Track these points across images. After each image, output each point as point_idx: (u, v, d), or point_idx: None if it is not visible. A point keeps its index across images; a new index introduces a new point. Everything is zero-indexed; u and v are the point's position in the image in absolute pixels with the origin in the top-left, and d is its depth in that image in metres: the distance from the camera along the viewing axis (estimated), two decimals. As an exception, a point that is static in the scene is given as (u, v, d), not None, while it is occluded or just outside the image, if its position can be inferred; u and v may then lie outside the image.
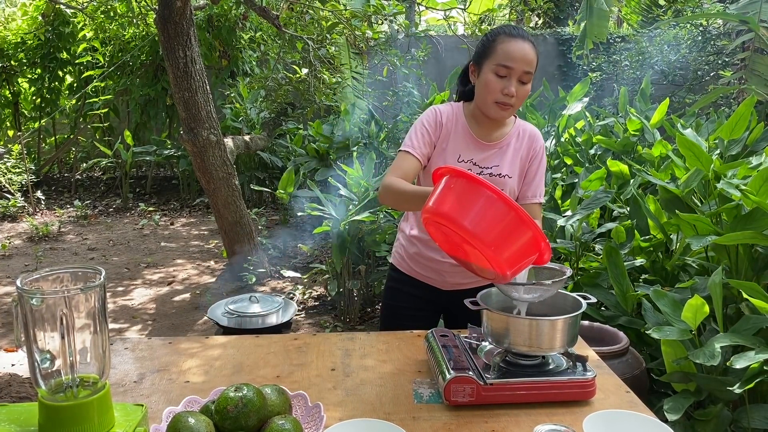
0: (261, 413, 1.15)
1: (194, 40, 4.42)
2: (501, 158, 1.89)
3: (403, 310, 2.05)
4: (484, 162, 1.88)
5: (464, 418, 1.32)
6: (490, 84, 1.77)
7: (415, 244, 1.99)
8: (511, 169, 1.89)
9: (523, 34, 1.77)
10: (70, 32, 8.57)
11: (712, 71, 8.26)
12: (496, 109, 1.80)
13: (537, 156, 1.92)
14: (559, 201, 3.48)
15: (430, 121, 1.89)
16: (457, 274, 1.95)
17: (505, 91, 1.75)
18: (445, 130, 1.90)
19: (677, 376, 2.14)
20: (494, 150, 1.89)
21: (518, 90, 1.77)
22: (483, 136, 1.90)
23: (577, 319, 1.40)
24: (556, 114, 5.09)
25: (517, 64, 1.74)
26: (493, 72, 1.76)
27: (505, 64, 1.74)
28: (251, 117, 7.61)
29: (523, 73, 1.75)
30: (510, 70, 1.74)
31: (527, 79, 1.77)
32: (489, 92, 1.78)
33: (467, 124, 1.90)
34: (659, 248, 2.84)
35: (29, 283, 1.07)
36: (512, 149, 1.90)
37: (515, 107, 1.81)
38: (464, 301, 1.45)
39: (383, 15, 5.59)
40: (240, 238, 4.96)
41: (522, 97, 1.79)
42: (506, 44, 1.75)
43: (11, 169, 8.02)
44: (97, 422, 1.08)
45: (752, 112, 2.99)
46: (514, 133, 1.92)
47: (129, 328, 4.22)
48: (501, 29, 1.81)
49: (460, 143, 1.88)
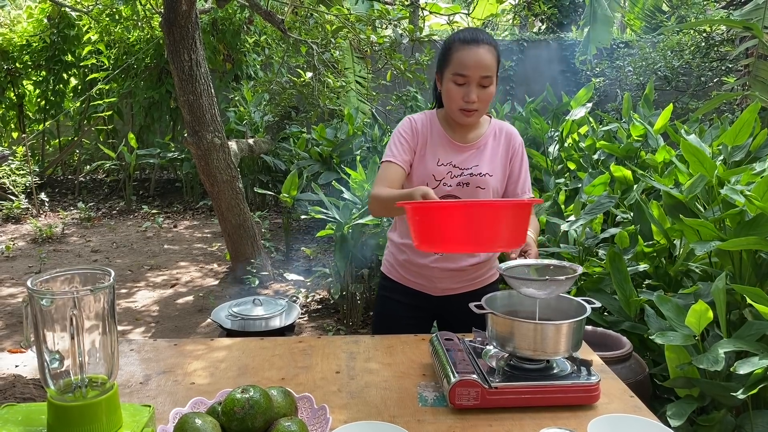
0: (267, 415, 1.15)
1: (199, 44, 4.44)
2: (480, 158, 1.91)
3: (396, 318, 2.04)
4: (464, 163, 1.90)
5: (469, 422, 1.32)
6: (451, 93, 1.80)
7: (404, 252, 2.00)
8: (491, 168, 1.91)
9: (478, 38, 1.77)
10: (75, 35, 8.61)
11: (715, 77, 8.27)
12: (461, 115, 1.82)
13: (517, 153, 1.95)
14: (563, 206, 3.48)
15: (407, 130, 1.92)
16: (448, 279, 1.96)
17: (466, 98, 1.78)
18: (422, 137, 1.92)
19: (680, 382, 2.14)
20: (472, 151, 1.91)
21: (480, 95, 1.78)
22: (459, 138, 1.92)
23: (582, 323, 1.40)
24: (559, 119, 5.10)
25: (473, 72, 1.75)
26: (452, 81, 1.79)
27: (461, 73, 1.76)
28: (255, 120, 7.63)
29: (481, 78, 1.76)
30: (467, 78, 1.76)
31: (488, 83, 1.78)
32: (451, 101, 1.81)
33: (442, 129, 1.92)
34: (662, 254, 2.84)
35: (39, 283, 1.08)
36: (490, 149, 1.93)
37: (480, 111, 1.83)
38: (469, 304, 1.46)
39: (387, 19, 5.61)
40: (243, 241, 4.97)
41: (485, 100, 1.80)
42: (460, 52, 1.76)
43: (15, 170, 8.05)
44: (105, 422, 1.09)
45: (756, 118, 2.99)
46: (490, 133, 1.94)
47: (132, 330, 4.23)
48: (456, 36, 1.81)
49: (438, 148, 1.90)
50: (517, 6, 12.79)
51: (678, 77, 8.66)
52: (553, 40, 10.62)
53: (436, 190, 1.83)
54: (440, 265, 1.94)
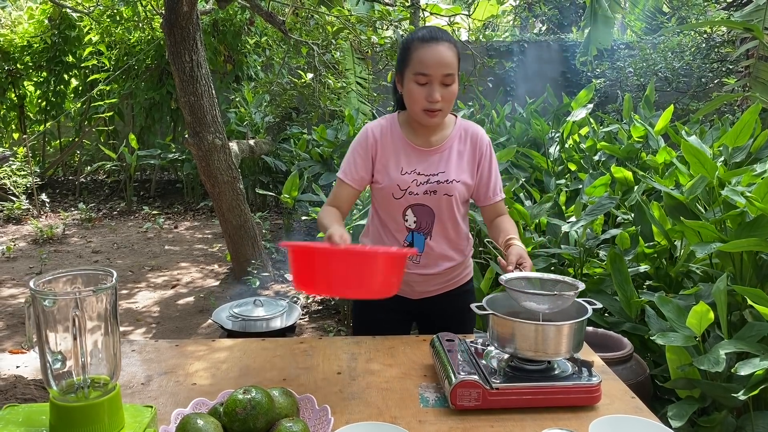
0: (269, 416, 1.16)
1: (200, 45, 4.44)
2: (446, 163, 1.84)
3: (375, 321, 1.98)
4: (429, 170, 1.83)
5: (470, 423, 1.32)
6: (413, 94, 1.75)
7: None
8: (458, 173, 1.84)
9: (437, 36, 1.74)
10: (76, 36, 8.61)
11: (716, 78, 8.27)
12: (425, 116, 1.77)
13: (485, 155, 1.88)
14: (564, 207, 3.48)
15: (362, 144, 1.86)
16: (425, 283, 1.93)
17: (429, 98, 1.73)
18: (381, 147, 1.85)
19: (681, 383, 2.14)
20: (436, 155, 1.85)
21: (443, 94, 1.73)
22: (422, 143, 1.86)
23: (583, 324, 1.41)
24: (560, 120, 5.10)
25: (434, 70, 1.71)
26: (414, 81, 1.74)
27: (422, 72, 1.72)
28: (256, 121, 7.63)
29: (443, 77, 1.72)
30: (428, 77, 1.72)
31: (450, 81, 1.73)
32: (414, 102, 1.76)
33: (404, 134, 1.86)
34: (663, 255, 2.84)
35: (42, 284, 1.08)
36: (456, 152, 1.86)
37: (445, 111, 1.78)
38: (470, 305, 1.46)
39: (388, 20, 5.62)
40: (244, 242, 4.97)
41: (449, 99, 1.75)
42: (420, 51, 1.72)
43: (16, 171, 8.05)
44: (108, 423, 1.09)
45: (756, 119, 2.99)
46: (455, 135, 1.88)
47: (133, 331, 4.23)
48: (414, 35, 1.77)
49: (400, 155, 1.84)
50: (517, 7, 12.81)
51: (679, 78, 8.66)
52: (553, 41, 10.63)
53: (403, 200, 1.82)
54: (418, 271, 1.91)
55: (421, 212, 1.85)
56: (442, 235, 1.88)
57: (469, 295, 2.03)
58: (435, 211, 1.84)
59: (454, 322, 1.93)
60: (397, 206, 1.85)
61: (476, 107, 6.37)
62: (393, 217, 1.87)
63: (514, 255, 1.64)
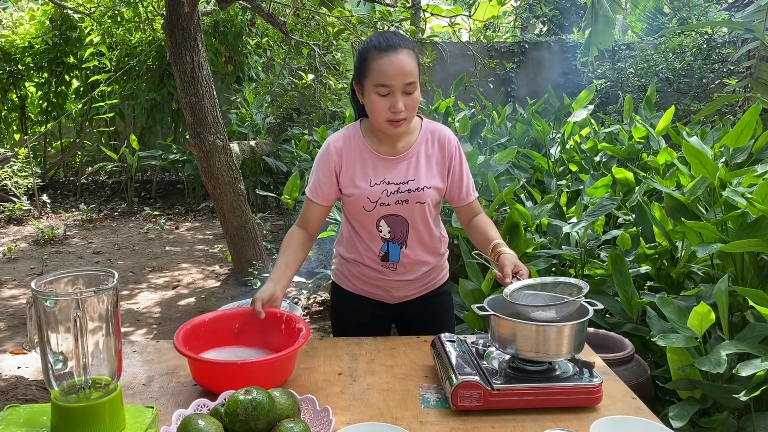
0: (270, 416, 1.16)
1: (201, 46, 4.44)
2: (415, 169, 1.79)
3: (354, 325, 1.96)
4: (398, 178, 1.78)
5: (471, 423, 1.32)
6: (376, 105, 1.68)
7: (356, 264, 1.92)
8: (428, 178, 1.79)
9: (394, 44, 1.67)
10: (77, 37, 8.62)
11: (717, 79, 8.26)
12: (389, 127, 1.71)
13: (454, 157, 1.83)
14: (565, 208, 3.48)
15: (324, 160, 1.82)
16: (403, 288, 1.91)
17: (392, 109, 1.66)
18: (345, 160, 1.80)
19: (682, 384, 2.14)
20: (404, 162, 1.79)
21: (406, 102, 1.67)
22: (388, 151, 1.80)
23: (584, 325, 1.41)
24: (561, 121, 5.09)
25: (395, 80, 1.64)
26: (375, 93, 1.67)
27: (383, 83, 1.65)
28: (257, 122, 7.64)
29: (404, 86, 1.66)
30: (390, 88, 1.65)
31: (412, 89, 1.67)
32: (377, 114, 1.70)
33: (368, 144, 1.80)
34: (664, 256, 2.84)
35: (43, 285, 1.08)
36: (424, 156, 1.80)
37: (409, 118, 1.72)
38: (472, 306, 1.46)
39: (389, 21, 5.62)
40: (245, 243, 4.97)
41: (412, 107, 1.70)
42: (379, 62, 1.65)
43: (17, 172, 8.06)
44: (109, 423, 1.10)
45: (757, 120, 2.99)
46: (422, 139, 1.82)
47: (134, 331, 4.23)
48: (370, 43, 1.70)
49: (367, 166, 1.79)
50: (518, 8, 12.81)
51: (679, 79, 8.65)
52: (554, 42, 10.62)
53: (375, 212, 1.79)
54: (395, 278, 1.88)
55: (394, 222, 1.81)
56: (417, 241, 1.84)
57: (445, 296, 2.01)
58: (408, 220, 1.80)
59: (431, 324, 1.91)
60: (370, 218, 1.81)
61: (477, 108, 6.37)
62: (366, 228, 1.84)
63: (509, 265, 1.62)
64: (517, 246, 3.00)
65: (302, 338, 1.50)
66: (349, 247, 1.93)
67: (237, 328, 1.65)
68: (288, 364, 1.49)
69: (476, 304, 1.47)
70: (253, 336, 1.63)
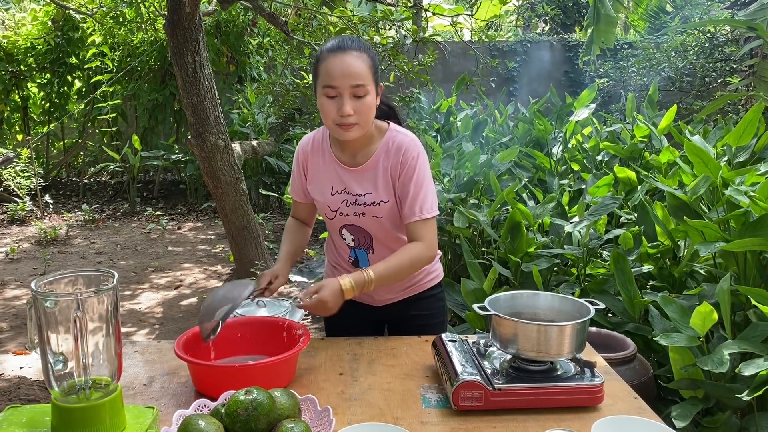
0: (271, 417, 1.15)
1: (203, 46, 4.44)
2: (373, 182, 1.71)
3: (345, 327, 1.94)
4: (357, 189, 1.72)
5: (472, 423, 1.32)
6: (324, 107, 1.62)
7: (337, 268, 1.91)
8: (385, 192, 1.71)
9: (345, 45, 1.61)
10: (80, 37, 8.63)
11: (719, 78, 8.25)
12: (338, 131, 1.63)
13: (407, 167, 1.67)
14: (567, 207, 3.48)
15: (296, 161, 1.82)
16: (385, 292, 1.88)
17: (340, 112, 1.59)
18: (311, 165, 1.78)
19: (685, 383, 2.13)
20: (362, 174, 1.72)
21: (356, 106, 1.59)
22: (348, 160, 1.74)
23: (586, 325, 1.40)
24: (563, 120, 5.10)
25: (341, 81, 1.58)
26: (324, 95, 1.62)
27: (329, 84, 1.59)
28: (259, 122, 7.64)
29: (352, 88, 1.58)
30: (336, 89, 1.59)
31: (361, 92, 1.59)
32: (326, 116, 1.64)
33: (332, 151, 1.76)
34: (667, 255, 2.84)
35: (43, 285, 1.08)
36: (381, 169, 1.70)
37: (361, 124, 1.63)
38: (473, 305, 1.46)
39: (391, 20, 5.61)
40: (247, 243, 4.97)
41: (363, 112, 1.61)
42: (327, 63, 1.60)
43: (20, 173, 8.07)
44: (109, 424, 1.09)
45: (760, 118, 2.99)
46: (381, 150, 1.71)
47: (136, 332, 4.24)
48: (324, 46, 1.65)
49: (330, 174, 1.75)
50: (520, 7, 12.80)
51: (682, 78, 8.64)
52: (556, 41, 10.61)
53: (335, 221, 1.78)
54: None
55: (355, 231, 1.78)
56: (384, 248, 1.79)
57: (435, 300, 1.95)
58: (369, 231, 1.77)
59: (420, 327, 1.89)
60: (332, 225, 1.81)
61: (479, 107, 6.37)
62: (333, 234, 1.85)
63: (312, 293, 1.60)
64: (519, 245, 3.00)
65: (301, 343, 1.50)
66: (329, 251, 1.95)
67: (239, 337, 1.65)
68: (287, 367, 1.49)
69: (477, 303, 1.46)
70: (254, 344, 1.63)
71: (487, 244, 3.46)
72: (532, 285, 2.82)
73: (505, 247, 3.08)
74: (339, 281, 1.59)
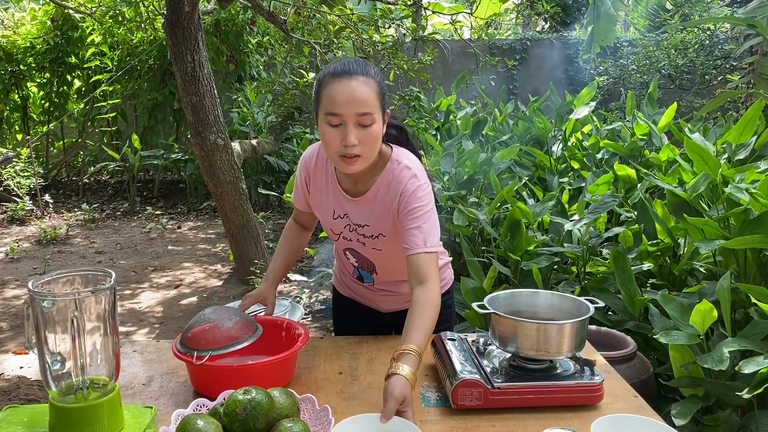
0: (270, 416, 1.15)
1: (202, 45, 4.44)
2: (371, 215, 1.64)
3: (354, 327, 1.93)
4: (356, 219, 1.67)
5: (472, 422, 1.32)
6: (327, 136, 1.50)
7: (345, 275, 1.91)
8: (384, 225, 1.63)
9: (350, 69, 1.49)
10: (79, 37, 8.62)
11: (719, 75, 8.24)
12: (342, 163, 1.52)
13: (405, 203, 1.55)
14: (567, 205, 3.47)
15: (300, 173, 1.74)
16: (391, 303, 1.84)
17: (344, 142, 1.47)
18: (315, 183, 1.72)
19: (685, 381, 2.13)
20: (362, 205, 1.64)
21: (360, 136, 1.48)
22: (349, 189, 1.66)
23: (585, 323, 1.40)
24: (563, 118, 5.09)
25: (346, 109, 1.46)
26: (326, 123, 1.50)
27: (332, 112, 1.47)
28: (258, 121, 7.63)
29: (357, 117, 1.47)
30: (340, 117, 1.47)
31: (368, 121, 1.48)
32: (328, 146, 1.52)
33: (336, 175, 1.67)
34: (667, 253, 2.83)
35: (41, 285, 1.08)
36: (380, 203, 1.61)
37: (365, 156, 1.51)
38: (473, 304, 1.45)
39: (390, 19, 5.61)
40: (247, 242, 4.97)
41: (369, 142, 1.49)
42: (330, 88, 1.48)
43: (20, 172, 8.06)
44: (107, 424, 1.09)
45: (760, 116, 2.98)
46: (381, 182, 1.61)
47: (136, 331, 4.24)
48: (326, 69, 1.53)
49: (331, 197, 1.69)
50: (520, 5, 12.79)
51: (682, 75, 8.63)
52: (556, 39, 10.60)
53: (339, 243, 1.75)
54: (379, 294, 1.83)
55: (358, 255, 1.75)
56: (389, 273, 1.76)
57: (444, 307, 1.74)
58: (371, 260, 1.74)
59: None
60: (337, 245, 1.79)
61: (479, 106, 6.36)
62: (338, 251, 1.83)
63: (393, 399, 1.25)
64: (518, 244, 3.00)
65: (300, 342, 1.49)
66: (337, 259, 1.94)
67: None
68: (286, 367, 1.49)
69: (477, 302, 1.46)
70: (253, 344, 1.63)
71: (486, 243, 3.46)
72: (531, 283, 2.82)
73: (504, 245, 3.08)
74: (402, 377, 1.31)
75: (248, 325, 1.52)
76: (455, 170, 3.79)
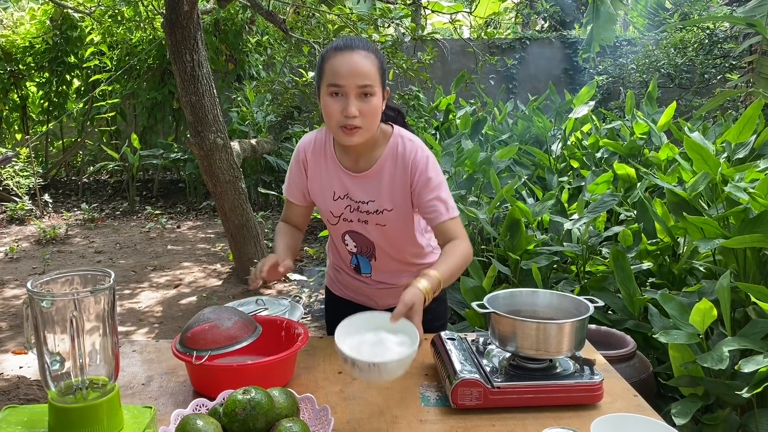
0: (269, 416, 1.15)
1: (201, 44, 4.44)
2: (377, 190, 1.66)
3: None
4: (360, 196, 1.67)
5: (471, 422, 1.32)
6: (328, 108, 1.55)
7: (340, 271, 1.90)
8: (391, 200, 1.65)
9: (352, 44, 1.55)
10: (78, 36, 8.62)
11: (719, 74, 8.24)
12: (342, 134, 1.56)
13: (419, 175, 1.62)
14: (566, 204, 3.47)
15: (295, 161, 1.75)
16: (388, 297, 1.82)
17: (345, 112, 1.52)
18: (312, 167, 1.73)
19: (685, 380, 2.13)
20: (366, 180, 1.66)
21: (361, 108, 1.53)
22: (351, 165, 1.67)
23: (585, 322, 1.40)
24: (562, 117, 5.09)
25: (347, 80, 1.51)
26: (328, 94, 1.55)
27: (334, 83, 1.53)
28: (258, 120, 7.63)
29: (358, 88, 1.52)
30: (342, 88, 1.52)
31: (369, 92, 1.53)
32: (329, 117, 1.56)
33: (335, 154, 1.69)
34: (666, 252, 2.83)
35: (40, 285, 1.08)
36: (388, 176, 1.65)
37: (366, 128, 1.56)
38: (472, 303, 1.45)
39: (389, 18, 5.61)
40: (246, 242, 4.97)
41: (369, 114, 1.54)
42: (332, 61, 1.54)
43: (19, 172, 8.06)
44: (107, 424, 1.09)
45: (759, 115, 2.98)
46: (388, 155, 1.65)
47: (136, 330, 4.23)
48: (330, 45, 1.59)
49: (332, 178, 1.70)
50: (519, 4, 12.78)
51: (681, 74, 8.63)
52: (555, 38, 10.60)
53: (338, 227, 1.75)
54: (375, 286, 1.83)
55: (358, 238, 1.75)
56: (386, 255, 1.77)
57: (438, 302, 1.77)
58: (371, 239, 1.73)
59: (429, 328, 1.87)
60: (335, 231, 1.78)
61: (478, 105, 6.36)
62: (335, 239, 1.82)
63: (402, 304, 1.36)
64: (518, 243, 3.00)
65: (300, 342, 1.49)
66: (331, 253, 1.92)
67: None
68: (286, 366, 1.48)
69: (477, 301, 1.46)
70: (253, 343, 1.62)
71: (486, 242, 3.46)
72: (531, 283, 2.82)
73: (504, 244, 3.08)
74: (417, 288, 1.40)
75: (247, 324, 1.52)
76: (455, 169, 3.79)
